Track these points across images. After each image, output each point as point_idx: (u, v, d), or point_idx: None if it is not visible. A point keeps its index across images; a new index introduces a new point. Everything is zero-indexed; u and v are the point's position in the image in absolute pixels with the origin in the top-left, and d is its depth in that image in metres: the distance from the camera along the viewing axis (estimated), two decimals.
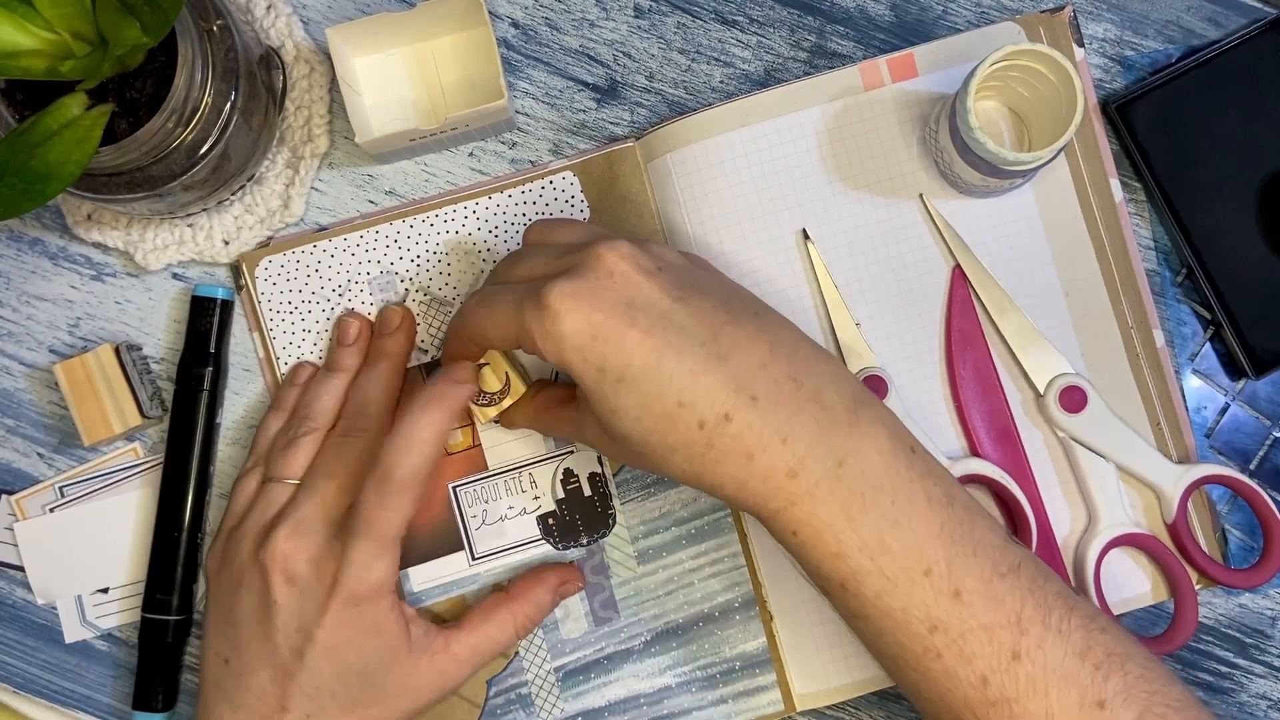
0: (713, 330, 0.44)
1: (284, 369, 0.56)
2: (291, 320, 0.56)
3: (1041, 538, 0.54)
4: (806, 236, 0.55)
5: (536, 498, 0.55)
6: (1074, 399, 0.54)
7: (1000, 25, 0.55)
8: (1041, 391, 0.54)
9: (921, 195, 0.55)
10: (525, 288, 0.46)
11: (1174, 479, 0.54)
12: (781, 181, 0.55)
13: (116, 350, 0.55)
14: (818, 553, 0.44)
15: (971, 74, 0.49)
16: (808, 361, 0.45)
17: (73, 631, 0.57)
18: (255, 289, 0.56)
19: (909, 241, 0.55)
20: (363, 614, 0.48)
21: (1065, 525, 0.55)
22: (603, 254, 0.45)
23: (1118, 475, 0.54)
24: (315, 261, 0.56)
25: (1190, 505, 0.55)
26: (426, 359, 0.56)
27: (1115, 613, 0.55)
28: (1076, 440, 0.54)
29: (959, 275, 0.55)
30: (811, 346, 0.47)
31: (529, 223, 0.55)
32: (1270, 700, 0.56)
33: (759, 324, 0.46)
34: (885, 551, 0.43)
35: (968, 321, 0.55)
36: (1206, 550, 0.54)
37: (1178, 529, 0.54)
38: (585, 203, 0.56)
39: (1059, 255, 0.55)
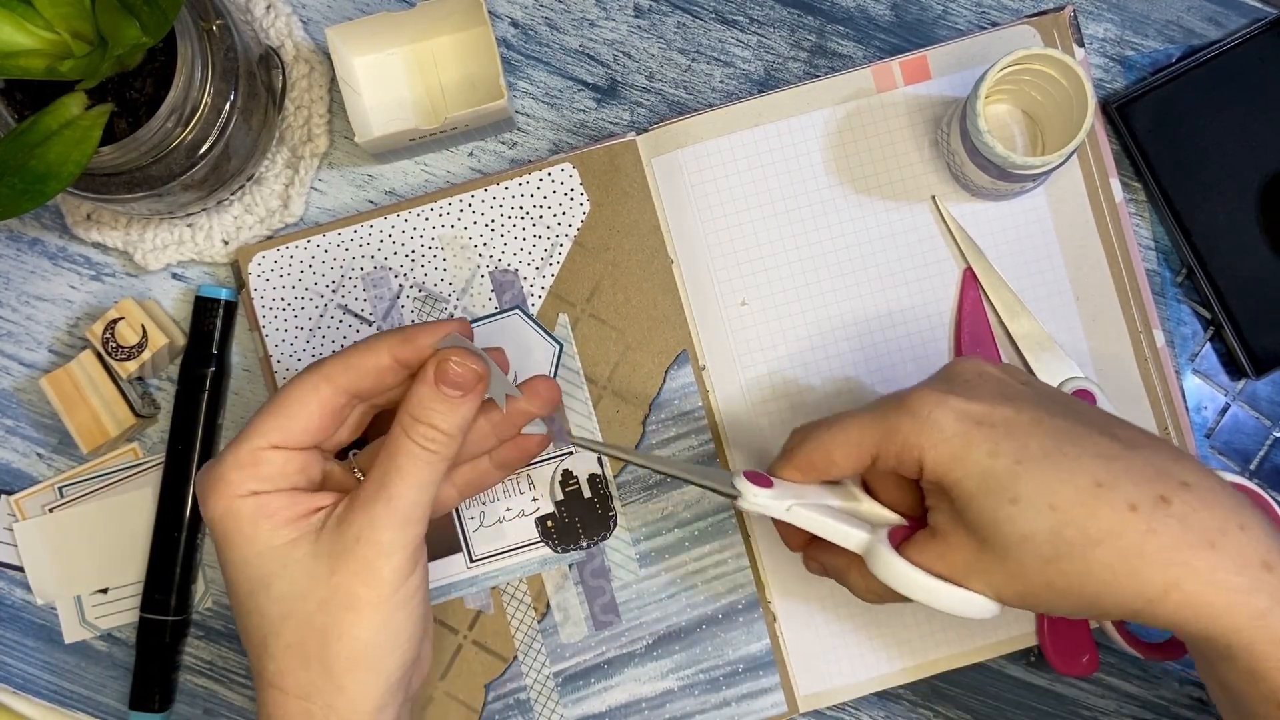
0: (1105, 425, 0.41)
1: (280, 368, 0.56)
2: (285, 318, 0.56)
3: None
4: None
5: (535, 499, 0.55)
6: None
7: (1015, 28, 0.55)
8: None
9: (934, 197, 0.55)
10: (880, 403, 0.43)
11: None
12: (793, 181, 0.55)
13: (99, 354, 0.55)
14: None
15: (981, 78, 0.49)
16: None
17: (72, 632, 0.57)
18: (249, 286, 0.56)
19: (920, 243, 0.55)
20: None
21: None
22: (961, 364, 0.43)
23: None
24: (309, 257, 0.56)
25: None
26: None
27: None
28: None
29: (970, 277, 0.55)
30: None
31: (526, 216, 0.55)
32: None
33: (1138, 428, 0.42)
34: None
35: (978, 324, 0.55)
36: None
37: None
38: (585, 196, 0.56)
39: (1070, 259, 0.55)
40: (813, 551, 0.49)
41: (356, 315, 0.56)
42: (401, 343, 0.44)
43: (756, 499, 0.44)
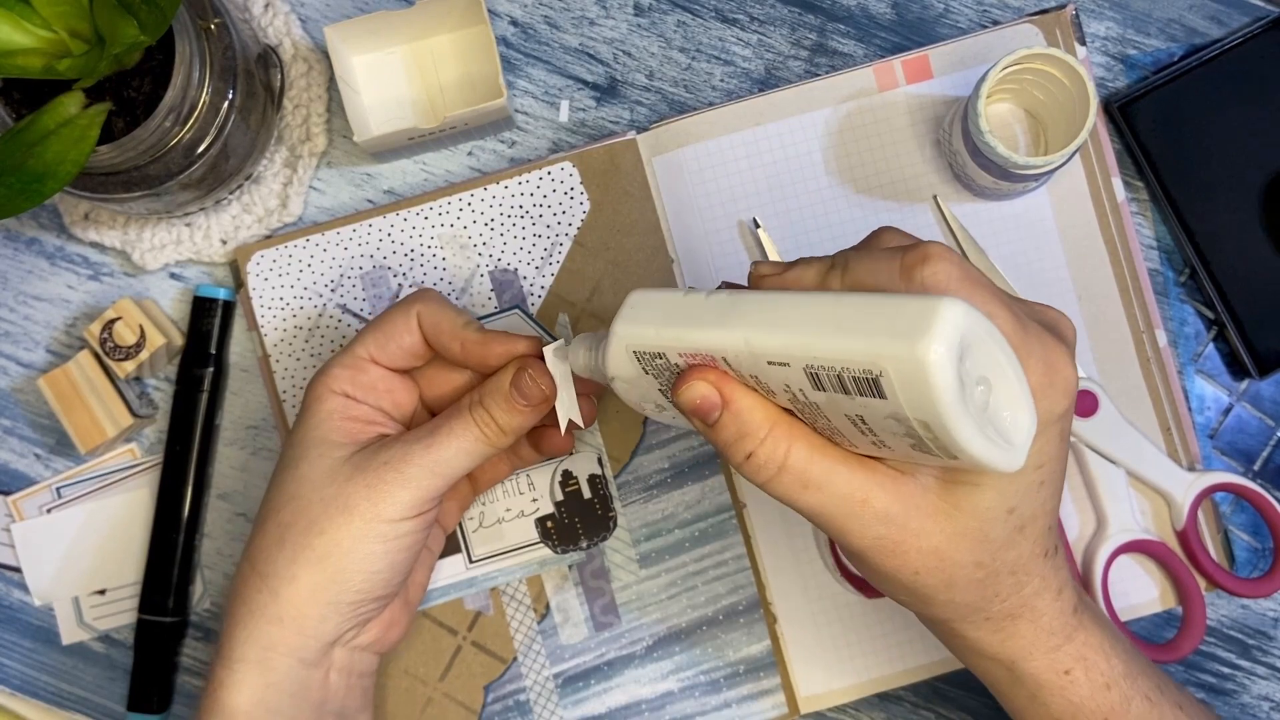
0: (1059, 483, 0.40)
1: (278, 367, 0.55)
2: (283, 317, 0.56)
3: None
4: (757, 225, 0.55)
5: (535, 500, 0.55)
6: (1085, 404, 0.53)
7: (1018, 27, 0.55)
8: None
9: (935, 197, 0.55)
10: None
11: (1185, 486, 0.53)
12: (794, 181, 0.55)
13: (96, 354, 0.54)
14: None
15: (983, 77, 0.49)
16: None
17: (70, 633, 0.57)
18: (247, 285, 0.56)
19: None
20: None
21: (1074, 530, 0.55)
22: (1063, 358, 0.38)
23: (1128, 481, 0.54)
24: (307, 257, 0.56)
25: (1199, 510, 0.54)
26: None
27: (1123, 619, 0.54)
28: (1087, 445, 0.54)
29: None
30: None
31: (526, 215, 0.55)
32: (1273, 701, 0.56)
33: None
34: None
35: None
36: (1215, 558, 0.54)
37: (1187, 536, 0.53)
38: (585, 195, 0.55)
39: (1072, 258, 0.55)
40: None
41: (355, 315, 0.56)
42: (475, 333, 0.47)
43: None
